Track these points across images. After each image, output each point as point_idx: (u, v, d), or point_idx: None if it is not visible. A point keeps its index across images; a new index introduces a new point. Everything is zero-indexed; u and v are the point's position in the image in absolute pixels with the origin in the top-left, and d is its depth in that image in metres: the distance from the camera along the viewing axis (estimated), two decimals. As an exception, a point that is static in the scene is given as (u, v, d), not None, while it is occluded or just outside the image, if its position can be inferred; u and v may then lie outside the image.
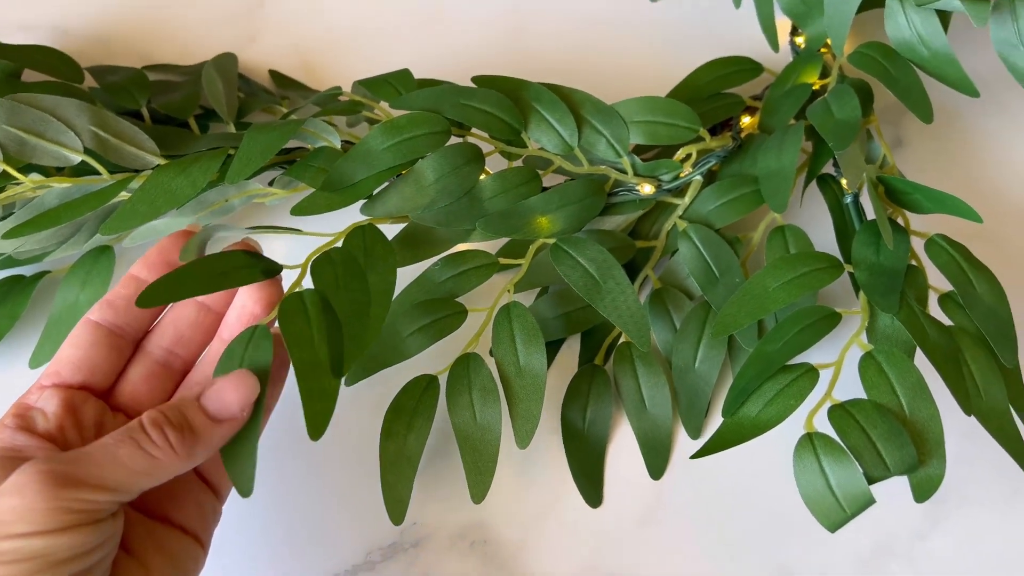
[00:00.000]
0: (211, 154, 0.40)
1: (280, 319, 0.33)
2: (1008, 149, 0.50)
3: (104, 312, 0.35)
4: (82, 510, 0.28)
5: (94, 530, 0.29)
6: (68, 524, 0.28)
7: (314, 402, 0.31)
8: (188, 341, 0.37)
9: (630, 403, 0.43)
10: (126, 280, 0.36)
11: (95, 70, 0.49)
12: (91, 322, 0.35)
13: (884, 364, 0.37)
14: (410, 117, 0.41)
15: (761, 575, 0.40)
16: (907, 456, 0.35)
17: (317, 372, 0.32)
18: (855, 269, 0.40)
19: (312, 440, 0.31)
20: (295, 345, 0.32)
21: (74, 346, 0.35)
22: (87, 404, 0.34)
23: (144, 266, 0.36)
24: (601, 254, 0.40)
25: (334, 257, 0.36)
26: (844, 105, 0.43)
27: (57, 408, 0.33)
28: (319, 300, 0.34)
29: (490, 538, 0.41)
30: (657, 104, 0.43)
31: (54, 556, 0.28)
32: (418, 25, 0.54)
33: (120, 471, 0.30)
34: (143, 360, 0.36)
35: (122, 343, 0.36)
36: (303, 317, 0.33)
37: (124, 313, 0.35)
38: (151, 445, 0.30)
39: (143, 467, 0.30)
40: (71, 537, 0.28)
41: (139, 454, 0.30)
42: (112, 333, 0.35)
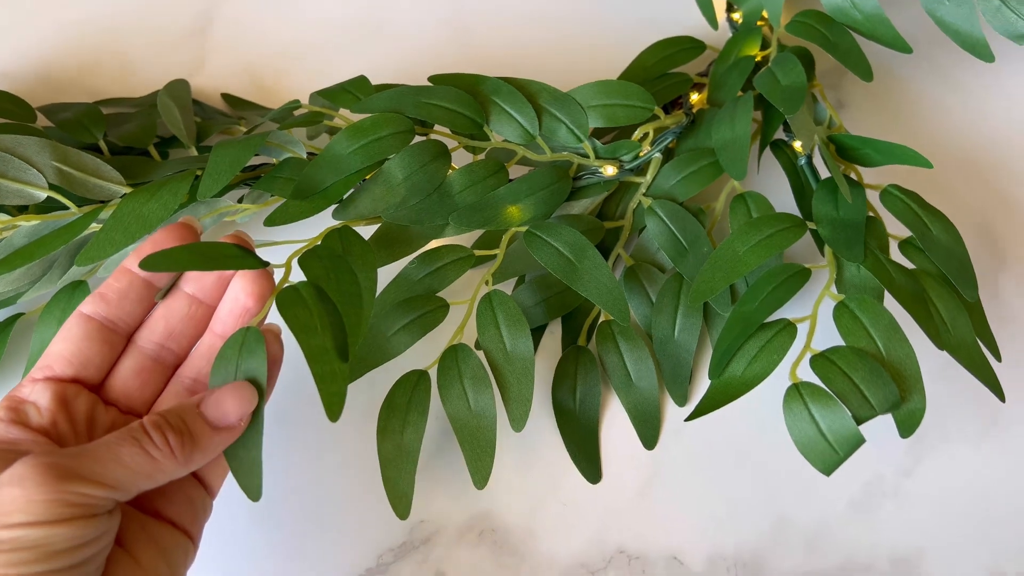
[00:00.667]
0: (179, 176, 0.40)
1: (280, 308, 0.33)
2: (941, 102, 0.52)
3: (96, 305, 0.35)
4: (80, 504, 0.29)
5: (91, 524, 0.29)
6: (66, 516, 0.28)
7: (328, 384, 0.32)
8: (179, 335, 0.36)
9: (617, 379, 0.44)
10: (119, 273, 0.35)
11: (47, 109, 0.48)
12: (83, 315, 0.35)
13: (857, 311, 0.39)
14: (373, 119, 0.41)
15: (762, 528, 0.42)
16: (890, 394, 0.37)
17: (326, 356, 0.32)
18: (818, 226, 0.41)
19: (331, 421, 0.31)
20: (301, 331, 0.33)
21: (66, 340, 0.34)
22: (79, 398, 0.34)
23: (137, 259, 0.35)
24: (574, 236, 0.41)
25: (320, 252, 0.36)
26: (789, 71, 0.44)
27: (50, 402, 0.33)
28: (314, 290, 0.34)
29: (498, 526, 0.42)
30: (611, 87, 0.44)
31: (51, 547, 0.28)
32: (363, 36, 0.55)
33: (120, 470, 0.30)
34: (134, 354, 0.36)
35: (114, 337, 0.35)
36: (303, 305, 0.34)
37: (116, 306, 0.35)
38: (152, 447, 0.31)
39: (143, 468, 0.31)
40: (69, 529, 0.28)
41: (140, 455, 0.31)
42: (104, 327, 0.35)
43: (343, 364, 0.33)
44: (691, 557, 0.41)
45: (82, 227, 0.39)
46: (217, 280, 0.36)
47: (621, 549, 0.41)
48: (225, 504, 0.41)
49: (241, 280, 0.36)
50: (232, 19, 0.55)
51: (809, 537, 0.42)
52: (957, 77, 0.52)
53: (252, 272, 0.35)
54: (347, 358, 0.33)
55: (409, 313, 0.42)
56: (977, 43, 0.45)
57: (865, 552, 0.41)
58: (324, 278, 0.35)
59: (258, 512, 0.42)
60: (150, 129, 0.47)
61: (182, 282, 0.37)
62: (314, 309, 0.34)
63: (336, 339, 0.33)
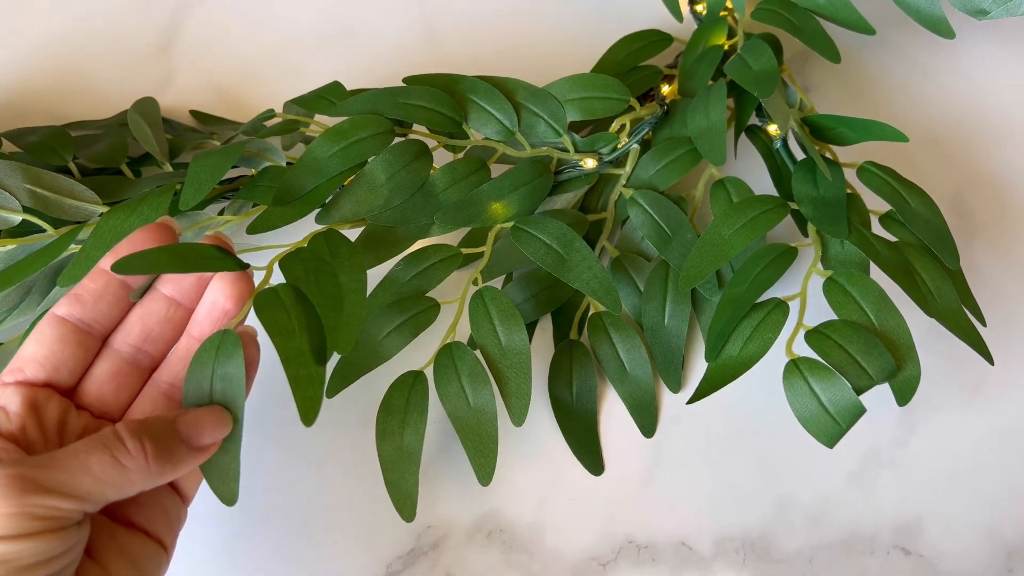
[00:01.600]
0: (159, 191, 0.39)
1: (257, 310, 0.33)
2: (903, 82, 0.53)
3: (71, 307, 0.34)
4: (47, 516, 0.28)
5: (59, 537, 0.28)
6: (32, 530, 0.28)
7: (303, 388, 0.32)
8: (157, 338, 0.36)
9: (611, 369, 0.44)
10: (94, 274, 0.34)
11: (11, 134, 0.47)
12: (57, 317, 0.34)
13: (846, 285, 0.39)
14: (352, 121, 0.41)
15: (765, 508, 0.42)
16: (886, 363, 0.37)
17: (302, 359, 0.32)
18: (799, 205, 0.42)
19: (306, 426, 0.31)
20: (277, 334, 0.32)
21: (38, 342, 0.33)
22: (50, 402, 0.33)
23: (113, 259, 0.34)
24: (560, 229, 0.42)
25: (303, 255, 0.36)
26: (759, 57, 0.45)
27: (19, 407, 0.32)
28: (292, 292, 0.34)
29: (505, 525, 0.41)
30: (588, 80, 0.45)
31: (17, 562, 0.27)
32: (328, 44, 0.54)
33: (88, 480, 0.29)
34: (110, 357, 0.35)
35: (88, 340, 0.34)
36: (280, 308, 0.33)
37: (92, 308, 0.34)
38: (125, 455, 0.30)
39: (112, 478, 0.30)
40: (35, 543, 0.28)
41: (110, 463, 0.30)
42: (78, 329, 0.34)
43: (320, 368, 0.32)
44: (699, 542, 0.41)
45: (61, 248, 0.39)
46: (196, 282, 0.36)
47: (630, 539, 0.41)
48: (229, 521, 0.41)
49: (220, 282, 0.35)
50: (196, 35, 0.54)
51: (812, 513, 0.42)
52: (917, 56, 0.53)
53: (231, 274, 0.35)
54: (324, 361, 0.32)
55: (400, 315, 0.41)
56: (937, 21, 0.46)
57: (868, 524, 0.42)
58: (304, 280, 0.35)
59: (263, 528, 0.41)
60: (121, 148, 0.46)
61: (159, 283, 0.36)
62: (292, 311, 0.33)
63: (314, 342, 0.32)
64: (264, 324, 0.32)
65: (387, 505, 0.39)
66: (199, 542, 0.41)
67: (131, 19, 0.54)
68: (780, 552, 0.41)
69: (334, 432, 0.43)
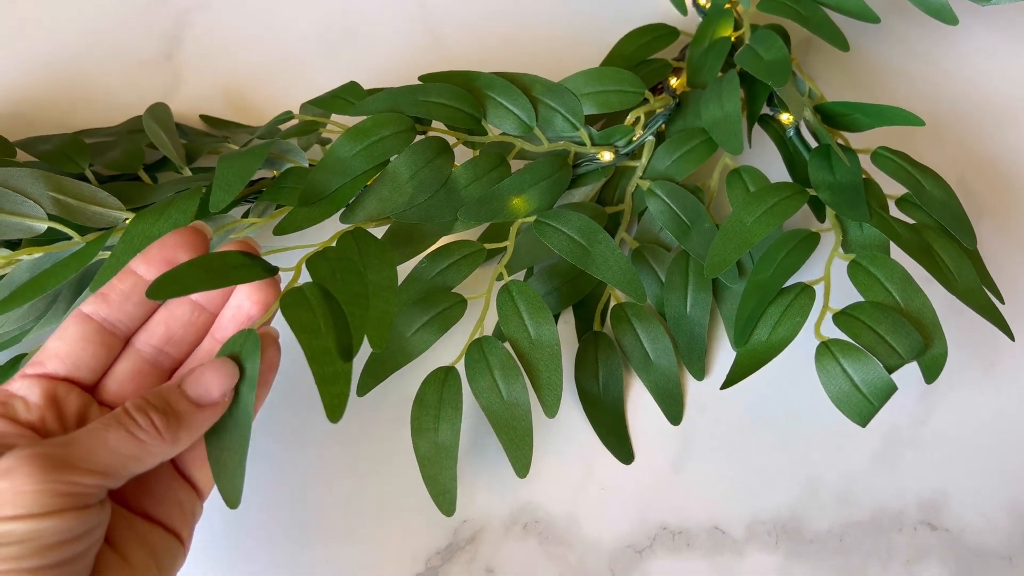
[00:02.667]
0: (187, 194, 0.39)
1: (283, 309, 0.33)
2: (904, 68, 0.54)
3: (98, 306, 0.34)
4: (71, 493, 0.28)
5: (82, 515, 0.29)
6: (57, 507, 0.28)
7: (329, 386, 0.32)
8: (179, 340, 0.36)
9: (636, 359, 0.44)
10: (123, 274, 0.35)
11: (25, 143, 0.47)
12: (83, 315, 0.34)
13: (870, 267, 0.40)
14: (374, 120, 0.41)
15: (794, 490, 0.43)
16: (915, 342, 0.38)
17: (328, 357, 0.32)
18: (817, 191, 0.43)
19: (332, 422, 0.31)
20: (303, 332, 0.32)
21: (62, 339, 0.34)
22: (70, 396, 0.33)
23: (143, 261, 0.34)
24: (583, 222, 0.42)
25: (328, 255, 0.36)
26: (770, 47, 0.46)
27: (39, 398, 0.32)
28: (319, 291, 0.34)
29: (541, 517, 0.42)
30: (602, 74, 0.45)
31: (41, 540, 0.28)
32: (332, 47, 0.54)
33: (109, 455, 0.30)
34: (132, 357, 0.35)
35: (111, 339, 0.35)
36: (306, 306, 0.33)
37: (118, 308, 0.34)
38: (138, 429, 0.30)
39: (131, 451, 0.30)
40: (59, 521, 0.28)
41: (127, 438, 0.30)
42: (102, 328, 0.34)
43: (346, 365, 0.32)
44: (731, 525, 0.42)
45: (90, 255, 0.38)
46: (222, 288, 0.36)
47: (664, 525, 0.42)
48: (267, 522, 0.41)
49: (246, 287, 0.35)
50: (200, 40, 0.54)
51: (840, 493, 0.43)
52: (918, 43, 0.54)
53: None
54: (350, 358, 0.32)
55: (427, 312, 0.42)
56: (941, 7, 0.47)
57: (894, 501, 0.43)
58: (331, 279, 0.35)
59: (301, 528, 0.41)
60: (137, 154, 0.46)
61: None
62: (318, 310, 0.33)
63: (340, 339, 0.33)
64: (290, 322, 0.32)
65: (422, 500, 0.39)
66: (235, 544, 0.41)
67: (135, 26, 0.54)
68: (811, 532, 0.42)
69: (367, 430, 0.43)
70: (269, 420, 0.42)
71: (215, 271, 0.33)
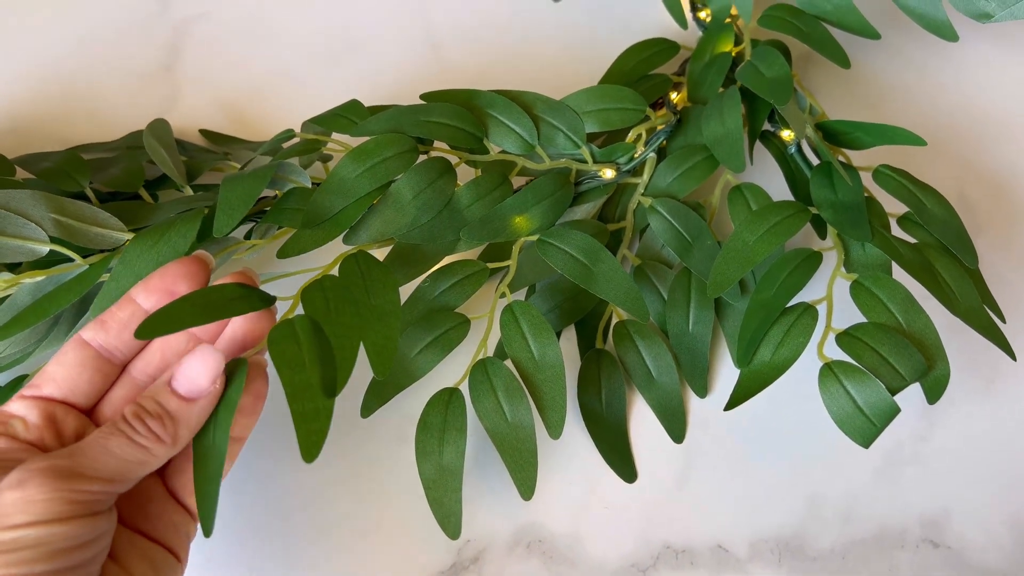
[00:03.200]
0: (187, 216, 0.39)
1: (270, 345, 0.32)
2: (903, 83, 0.54)
3: (96, 332, 0.35)
4: (81, 501, 0.29)
5: (91, 522, 0.29)
6: (67, 514, 0.29)
7: (307, 423, 0.31)
8: None
9: (638, 377, 0.44)
10: (123, 302, 0.35)
11: (23, 160, 0.46)
12: (82, 341, 0.34)
13: (873, 287, 0.40)
14: (377, 140, 0.41)
15: (797, 507, 0.43)
16: (917, 364, 0.38)
17: (309, 393, 0.31)
18: (819, 210, 0.43)
19: (306, 462, 0.30)
20: (285, 367, 0.32)
21: (61, 364, 0.34)
22: (68, 417, 0.34)
23: (143, 290, 0.35)
24: (585, 240, 0.42)
25: (325, 284, 0.36)
26: (772, 64, 0.46)
27: (38, 419, 0.33)
28: (309, 324, 0.33)
29: (544, 536, 0.42)
30: (604, 92, 0.45)
31: (52, 545, 0.28)
32: (333, 59, 0.54)
33: (114, 462, 0.31)
34: (127, 384, 0.36)
35: (108, 367, 0.35)
36: (293, 341, 0.33)
37: (116, 336, 0.35)
38: (138, 436, 0.31)
39: (135, 456, 0.31)
40: (69, 527, 0.29)
41: (128, 445, 0.31)
42: (100, 356, 0.35)
43: (328, 401, 0.32)
44: (735, 544, 0.42)
45: (93, 278, 0.38)
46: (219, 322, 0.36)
47: (667, 544, 0.42)
48: (268, 542, 0.41)
49: (241, 319, 0.35)
50: (199, 53, 0.54)
51: (842, 511, 0.43)
52: (917, 58, 0.54)
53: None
54: (333, 394, 0.32)
55: (430, 332, 0.42)
56: (941, 24, 0.47)
57: (896, 519, 0.43)
58: (323, 311, 0.34)
59: (303, 549, 0.41)
60: (137, 172, 0.45)
61: None
62: (304, 344, 0.33)
63: (325, 374, 0.32)
64: (273, 358, 0.32)
65: (426, 521, 0.39)
66: (236, 566, 0.41)
67: (134, 39, 0.54)
68: (814, 550, 0.42)
69: (369, 449, 0.43)
70: (269, 439, 0.42)
71: (210, 305, 0.33)
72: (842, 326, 0.39)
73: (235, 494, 0.42)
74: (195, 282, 0.35)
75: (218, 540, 0.40)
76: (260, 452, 0.42)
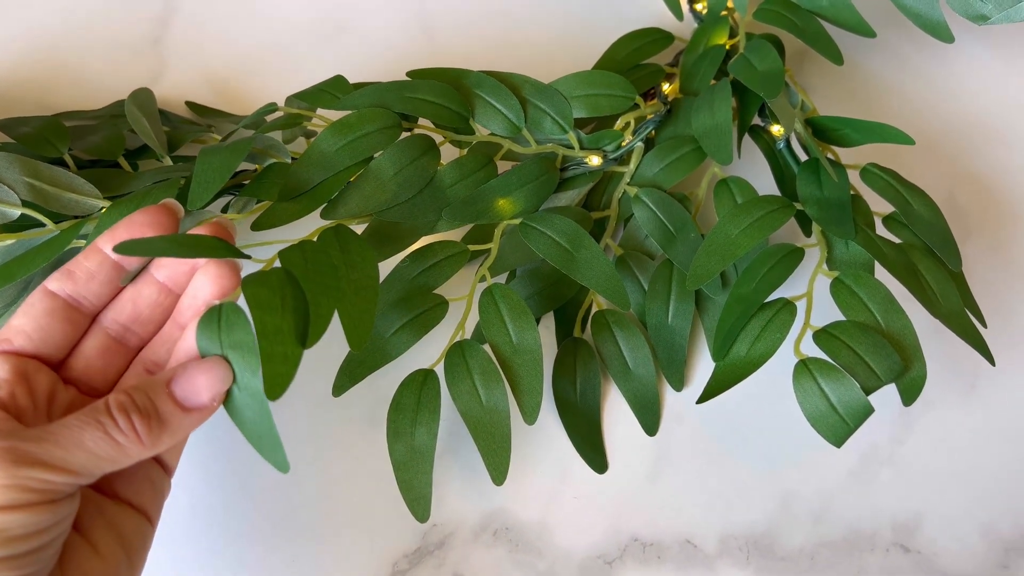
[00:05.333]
0: (163, 185, 0.39)
1: (244, 288, 0.31)
2: (898, 83, 0.54)
3: (63, 282, 0.33)
4: (40, 489, 0.28)
5: (50, 509, 0.28)
6: (24, 502, 0.28)
7: (275, 364, 0.30)
8: (146, 320, 0.35)
9: (614, 367, 0.44)
10: (89, 252, 0.34)
11: (5, 124, 0.46)
12: (48, 291, 0.33)
13: (853, 286, 0.40)
14: (359, 115, 0.41)
15: (768, 505, 0.42)
16: (893, 364, 0.38)
17: (279, 337, 0.31)
18: (805, 206, 0.42)
19: (270, 400, 0.29)
20: (259, 307, 0.31)
21: (27, 315, 0.33)
22: (39, 374, 0.32)
23: (110, 239, 0.34)
24: (569, 226, 0.41)
25: (305, 247, 0.35)
26: (764, 57, 0.45)
27: (9, 374, 0.31)
28: (285, 276, 0.33)
29: (511, 524, 0.41)
30: (593, 77, 0.45)
31: (8, 532, 0.27)
32: (324, 38, 0.54)
33: (83, 455, 0.29)
34: (98, 334, 0.35)
35: (77, 316, 0.34)
36: (267, 287, 0.32)
37: (83, 285, 0.34)
38: (117, 431, 0.30)
39: (107, 453, 0.29)
40: (27, 515, 0.28)
41: (104, 440, 0.29)
42: (68, 305, 0.34)
43: (297, 348, 0.31)
44: (704, 539, 0.42)
45: (63, 243, 0.38)
46: (190, 271, 0.35)
47: (635, 537, 0.41)
48: (234, 521, 0.40)
49: (208, 272, 0.34)
50: (189, 25, 0.53)
51: (814, 511, 0.42)
52: (912, 58, 0.54)
53: (216, 268, 0.34)
54: (304, 343, 0.31)
55: (407, 312, 0.41)
56: (937, 25, 0.47)
57: (868, 521, 0.42)
58: (301, 269, 0.34)
59: (267, 528, 0.41)
60: (118, 140, 0.45)
61: (153, 268, 0.35)
62: (278, 291, 0.32)
63: (297, 323, 0.31)
64: (248, 298, 0.31)
65: (393, 504, 0.39)
66: (203, 542, 0.41)
67: (123, 10, 0.53)
68: (783, 549, 0.42)
69: (339, 430, 0.43)
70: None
71: (185, 244, 0.32)
72: (822, 323, 0.39)
73: (199, 473, 0.41)
74: (163, 231, 0.34)
75: (179, 519, 0.40)
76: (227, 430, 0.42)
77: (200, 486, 0.41)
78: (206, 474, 0.42)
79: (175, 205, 0.35)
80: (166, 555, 0.40)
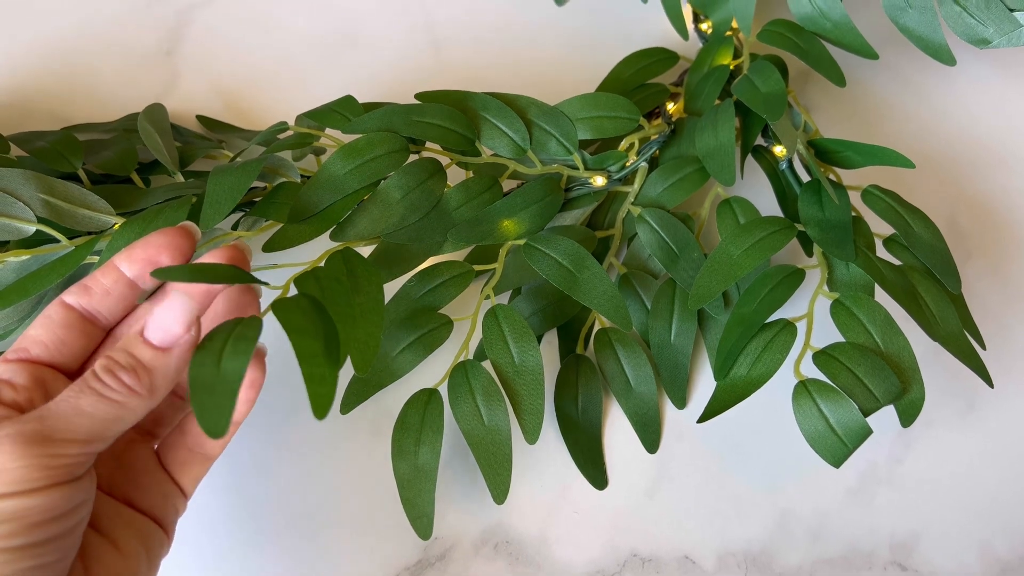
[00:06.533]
0: (176, 203, 0.39)
1: (276, 312, 0.32)
2: (901, 105, 0.54)
3: (80, 296, 0.34)
4: (56, 466, 0.28)
5: (69, 489, 0.29)
6: (43, 483, 0.28)
7: (317, 386, 0.31)
8: None
9: (616, 385, 0.44)
10: (106, 269, 0.34)
11: (19, 138, 0.47)
12: (65, 304, 0.34)
13: (853, 308, 0.40)
14: (368, 139, 0.41)
15: (767, 523, 0.43)
16: (892, 386, 0.38)
17: (317, 360, 0.31)
18: (806, 227, 0.43)
19: (318, 419, 0.30)
20: (295, 332, 0.31)
21: (44, 326, 0.33)
22: (56, 382, 0.33)
23: (126, 259, 0.34)
24: (571, 247, 0.42)
25: (319, 274, 0.36)
26: (767, 79, 0.46)
27: (26, 380, 0.32)
28: (309, 302, 0.33)
29: (512, 537, 0.42)
30: (598, 100, 0.45)
31: (30, 518, 0.28)
32: (334, 53, 0.54)
33: (87, 421, 0.29)
34: (112, 346, 0.35)
35: (92, 329, 0.34)
36: (299, 311, 0.33)
37: (99, 300, 0.34)
38: (110, 391, 0.30)
39: (109, 413, 0.30)
40: (46, 497, 0.28)
41: (101, 401, 0.30)
42: (84, 318, 0.34)
43: (333, 370, 0.32)
44: (702, 556, 0.42)
45: (78, 260, 0.39)
46: (205, 293, 0.35)
47: (634, 552, 0.42)
48: (238, 530, 0.41)
49: (226, 298, 0.35)
50: (201, 40, 0.54)
51: (812, 529, 0.43)
52: (915, 79, 0.54)
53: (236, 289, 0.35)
54: (338, 364, 0.32)
55: (413, 332, 0.42)
56: (939, 48, 0.47)
57: (866, 539, 0.43)
58: (317, 293, 0.35)
59: (271, 538, 0.41)
60: (130, 155, 0.46)
61: (168, 287, 0.36)
62: (310, 316, 0.33)
63: (328, 346, 0.32)
64: (283, 323, 0.31)
65: (395, 516, 0.39)
66: (208, 551, 0.41)
67: (136, 22, 0.54)
68: (781, 567, 0.42)
69: (343, 443, 0.43)
70: (244, 426, 0.43)
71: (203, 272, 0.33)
72: (822, 344, 0.40)
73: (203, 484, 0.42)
74: (179, 254, 0.34)
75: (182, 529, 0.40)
76: (234, 443, 0.43)
77: (203, 496, 0.42)
78: (209, 485, 0.42)
79: (192, 228, 0.36)
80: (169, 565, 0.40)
